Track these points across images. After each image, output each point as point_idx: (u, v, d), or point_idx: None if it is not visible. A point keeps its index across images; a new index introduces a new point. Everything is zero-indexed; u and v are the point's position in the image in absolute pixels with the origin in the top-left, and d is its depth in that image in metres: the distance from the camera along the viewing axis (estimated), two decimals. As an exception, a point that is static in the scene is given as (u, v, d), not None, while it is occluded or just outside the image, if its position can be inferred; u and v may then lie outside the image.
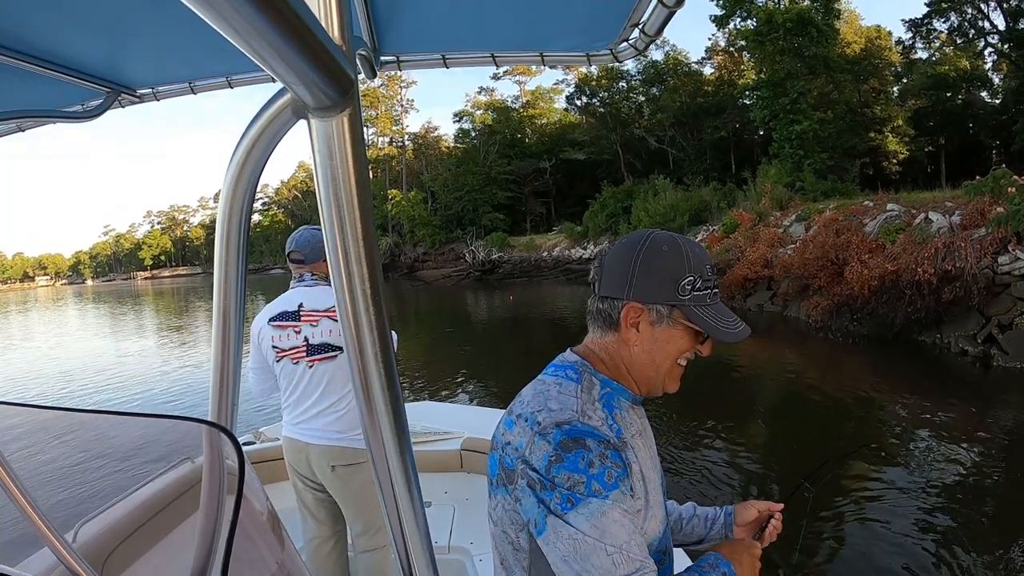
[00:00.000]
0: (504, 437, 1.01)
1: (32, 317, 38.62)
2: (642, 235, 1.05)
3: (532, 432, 0.95)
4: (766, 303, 15.70)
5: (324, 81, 0.48)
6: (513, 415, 1.02)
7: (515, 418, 1.01)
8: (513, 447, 0.98)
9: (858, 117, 29.65)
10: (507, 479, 0.98)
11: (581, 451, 0.91)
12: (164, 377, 12.85)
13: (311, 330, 2.43)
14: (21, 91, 1.46)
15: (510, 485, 0.98)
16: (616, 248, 1.06)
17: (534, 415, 0.98)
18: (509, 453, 0.98)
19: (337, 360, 2.42)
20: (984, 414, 7.07)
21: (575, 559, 0.89)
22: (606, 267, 1.05)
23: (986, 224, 10.86)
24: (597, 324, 1.08)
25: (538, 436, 0.94)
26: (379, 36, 1.50)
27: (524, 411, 1.00)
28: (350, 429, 2.42)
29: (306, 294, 2.49)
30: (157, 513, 0.80)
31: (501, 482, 1.00)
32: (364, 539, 2.52)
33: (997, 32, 28.71)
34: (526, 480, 0.94)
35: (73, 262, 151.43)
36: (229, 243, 0.65)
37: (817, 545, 4.31)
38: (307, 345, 2.43)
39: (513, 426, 1.00)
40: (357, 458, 2.42)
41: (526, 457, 0.94)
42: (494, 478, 1.03)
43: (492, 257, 40.55)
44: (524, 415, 0.99)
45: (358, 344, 0.62)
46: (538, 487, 0.92)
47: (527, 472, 0.93)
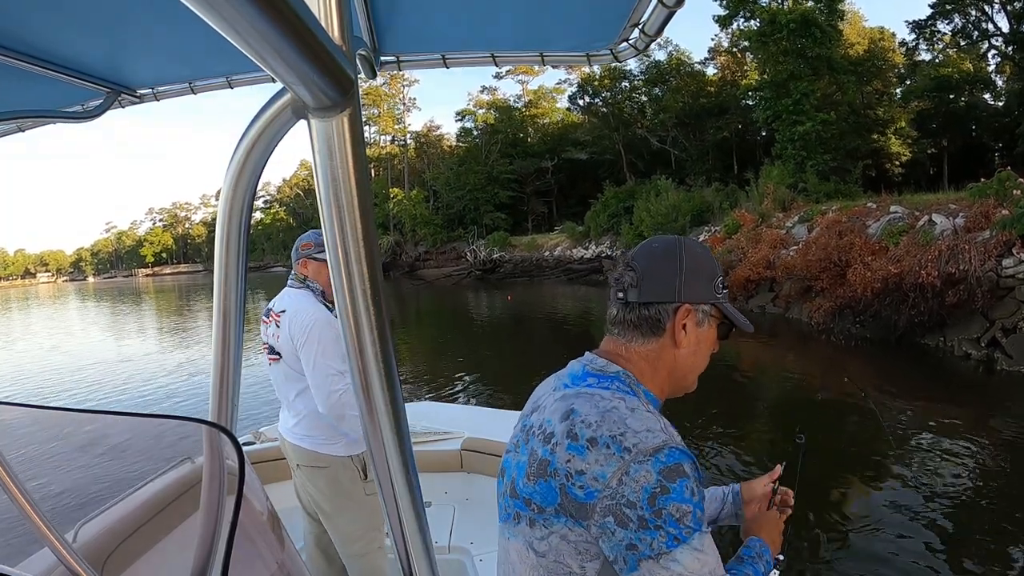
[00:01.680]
0: (569, 465, 0.89)
1: (32, 315, 38.68)
2: (673, 239, 1.08)
3: (622, 460, 0.86)
4: (768, 304, 15.69)
5: (324, 81, 0.48)
6: (581, 440, 0.90)
7: (586, 443, 0.89)
8: (590, 477, 0.87)
9: (861, 118, 29.59)
10: (575, 512, 0.89)
11: (684, 480, 0.87)
12: (165, 376, 12.87)
13: (268, 330, 2.51)
14: (21, 91, 1.47)
15: (581, 519, 0.89)
16: (650, 253, 1.06)
17: (616, 440, 0.88)
18: (582, 483, 0.88)
19: (280, 364, 2.45)
20: (987, 418, 7.05)
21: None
22: (646, 273, 1.03)
23: (990, 227, 10.83)
24: (638, 331, 1.05)
25: (634, 465, 0.86)
26: (379, 36, 1.50)
27: (598, 434, 0.90)
28: (309, 431, 2.42)
29: (281, 294, 2.56)
30: (157, 513, 0.80)
31: (562, 512, 0.90)
32: (339, 545, 2.50)
33: (1001, 34, 28.65)
34: (615, 517, 0.85)
35: (75, 259, 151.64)
36: (229, 243, 0.65)
37: (818, 547, 4.31)
38: (267, 344, 2.51)
39: (586, 452, 0.89)
40: (319, 462, 2.42)
41: (617, 490, 0.85)
42: (548, 506, 0.92)
43: (493, 256, 40.55)
44: (600, 439, 0.89)
45: (358, 344, 0.62)
46: (634, 525, 0.84)
47: (619, 508, 0.85)
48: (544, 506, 0.92)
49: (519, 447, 1.03)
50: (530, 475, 0.95)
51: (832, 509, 4.83)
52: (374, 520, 2.47)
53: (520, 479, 0.97)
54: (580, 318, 18.75)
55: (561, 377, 1.09)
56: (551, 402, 1.02)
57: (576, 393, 0.99)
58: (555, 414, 0.97)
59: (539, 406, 1.06)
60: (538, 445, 0.96)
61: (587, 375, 1.03)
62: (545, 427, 0.97)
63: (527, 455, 0.98)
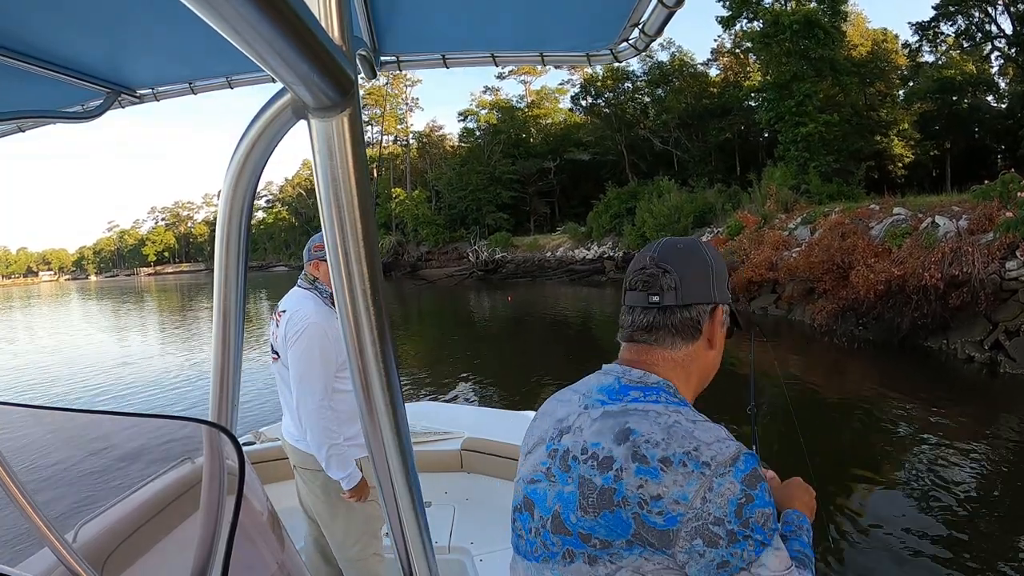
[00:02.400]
0: (642, 491, 0.83)
1: (34, 314, 38.77)
2: (693, 240, 1.06)
3: (703, 476, 0.82)
4: (771, 306, 15.67)
5: (324, 81, 0.48)
6: (652, 462, 0.84)
7: (658, 464, 0.84)
8: (669, 500, 0.82)
9: (864, 120, 29.56)
10: (655, 540, 0.83)
11: (762, 483, 0.85)
12: (165, 377, 12.89)
13: (272, 329, 2.50)
14: (21, 91, 1.47)
15: (664, 547, 0.83)
16: (681, 252, 1.02)
17: (692, 456, 0.84)
18: (661, 509, 0.83)
19: (279, 364, 2.43)
20: (990, 421, 7.03)
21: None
22: (683, 272, 0.99)
23: (994, 229, 10.81)
24: (678, 336, 1.00)
25: (716, 480, 0.82)
26: (379, 36, 1.50)
27: (669, 453, 0.84)
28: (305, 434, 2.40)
29: (288, 294, 2.53)
30: (157, 513, 0.80)
31: (637, 543, 0.84)
32: (336, 547, 2.49)
33: (1004, 36, 28.61)
34: (703, 539, 0.81)
35: (77, 258, 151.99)
36: (229, 243, 0.65)
37: (820, 548, 4.30)
38: (271, 344, 2.50)
39: (660, 474, 0.83)
40: (314, 464, 2.39)
41: (702, 509, 0.81)
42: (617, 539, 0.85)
43: (495, 257, 40.56)
44: (674, 458, 0.84)
45: (358, 344, 0.62)
46: (724, 541, 0.81)
47: (706, 529, 0.81)
48: (611, 539, 0.86)
49: (555, 476, 0.95)
50: (587, 507, 0.88)
51: (834, 510, 4.82)
52: (370, 526, 2.46)
53: (571, 512, 0.89)
54: (581, 319, 18.76)
55: (589, 394, 1.01)
56: (588, 423, 0.95)
57: (624, 410, 0.92)
58: (604, 436, 0.90)
59: (569, 428, 0.97)
60: (592, 473, 0.88)
61: (627, 388, 0.97)
62: (595, 451, 0.90)
63: (577, 485, 0.90)
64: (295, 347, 2.30)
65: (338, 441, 2.27)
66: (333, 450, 2.27)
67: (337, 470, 2.29)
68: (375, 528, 2.47)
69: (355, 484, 2.31)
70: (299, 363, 2.29)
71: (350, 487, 2.31)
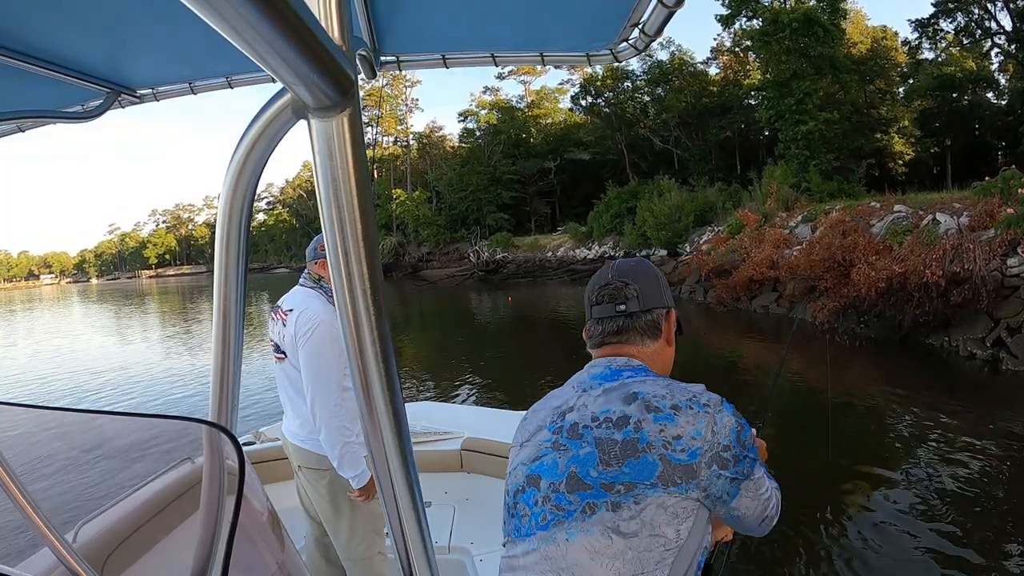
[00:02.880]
0: (663, 434, 0.98)
1: (35, 317, 38.81)
2: (640, 259, 1.28)
3: (707, 414, 1.01)
4: (772, 304, 15.66)
5: (324, 81, 0.48)
6: (665, 410, 1.00)
7: (671, 410, 1.00)
8: (689, 437, 0.98)
9: (864, 118, 29.54)
10: (681, 475, 0.97)
11: (742, 416, 1.05)
12: (166, 376, 12.90)
13: (275, 327, 2.49)
14: (21, 91, 1.47)
15: (688, 479, 0.97)
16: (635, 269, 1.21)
17: (694, 400, 1.02)
18: (683, 446, 0.98)
19: (286, 363, 2.42)
20: (992, 418, 7.02)
21: (756, 497, 1.05)
22: (641, 284, 1.18)
23: (995, 226, 10.79)
24: (645, 335, 1.17)
25: (718, 415, 1.01)
26: (379, 36, 1.50)
27: (677, 401, 1.02)
28: (311, 432, 2.39)
29: (291, 292, 2.53)
30: (157, 513, 0.80)
31: (661, 481, 0.97)
32: (341, 548, 2.48)
33: (1004, 33, 28.58)
34: (718, 464, 0.98)
35: (78, 260, 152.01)
36: (229, 244, 0.65)
37: (821, 549, 4.30)
38: (273, 342, 2.49)
39: (675, 418, 0.99)
40: (321, 464, 2.39)
41: (714, 440, 0.99)
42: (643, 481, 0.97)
43: (496, 257, 40.55)
44: (682, 404, 1.01)
45: (358, 344, 0.62)
46: (732, 463, 1.00)
47: (718, 455, 0.99)
48: (636, 482, 0.97)
49: (564, 444, 1.06)
50: (609, 460, 0.99)
51: (836, 508, 4.82)
52: (375, 524, 2.46)
53: (590, 469, 1.00)
54: (582, 319, 18.72)
55: (582, 382, 1.14)
56: (591, 400, 1.08)
57: (623, 384, 1.07)
58: (612, 403, 1.04)
59: (572, 407, 1.10)
60: (609, 432, 1.01)
61: (619, 371, 1.11)
62: (608, 416, 1.03)
63: (594, 445, 1.01)
64: (308, 345, 2.29)
65: (351, 439, 2.28)
66: (347, 448, 2.27)
67: (349, 468, 2.29)
68: (379, 527, 2.47)
69: (365, 483, 2.32)
70: (313, 361, 2.28)
71: (360, 485, 2.31)
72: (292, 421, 2.49)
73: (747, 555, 4.16)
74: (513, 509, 1.11)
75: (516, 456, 1.17)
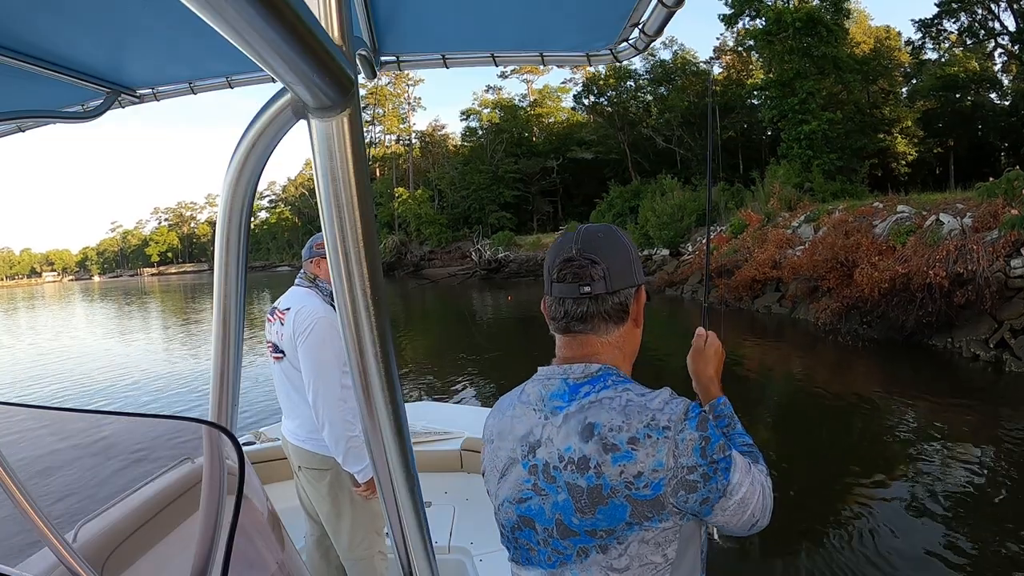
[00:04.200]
0: (623, 475, 0.92)
1: (38, 314, 38.90)
2: (610, 227, 1.11)
3: (667, 439, 0.92)
4: (774, 305, 15.64)
5: (324, 81, 0.48)
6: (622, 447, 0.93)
7: (628, 447, 0.93)
8: (649, 471, 0.92)
9: (867, 118, 29.47)
10: (649, 511, 0.93)
11: (708, 421, 0.96)
12: (167, 376, 12.92)
13: (273, 328, 2.48)
14: (21, 91, 1.47)
15: (657, 514, 0.93)
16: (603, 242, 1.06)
17: (652, 426, 0.94)
18: (646, 482, 0.92)
19: (284, 362, 2.42)
20: (996, 420, 7.01)
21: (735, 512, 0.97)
22: (608, 262, 1.03)
23: (999, 226, 10.76)
24: (610, 321, 1.05)
25: (679, 436, 0.92)
26: (379, 36, 1.50)
27: (634, 432, 0.93)
28: (312, 433, 2.39)
29: (288, 292, 2.53)
30: (157, 513, 0.80)
31: (635, 519, 0.93)
32: (342, 547, 2.48)
33: (1007, 33, 28.48)
34: (685, 489, 0.92)
35: (80, 258, 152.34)
36: (229, 243, 0.65)
37: (823, 550, 4.29)
38: (271, 342, 2.49)
39: (633, 455, 0.92)
40: (322, 464, 2.39)
41: (676, 465, 0.92)
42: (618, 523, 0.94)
43: (498, 256, 40.52)
44: (639, 435, 0.93)
45: (358, 344, 0.62)
46: (701, 483, 0.93)
47: (684, 480, 0.92)
48: (614, 526, 0.94)
49: (544, 489, 1.00)
50: (583, 508, 0.95)
51: (839, 509, 4.81)
52: (376, 524, 2.46)
53: (571, 516, 0.96)
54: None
55: (542, 403, 1.05)
56: (554, 432, 1.00)
57: (580, 408, 0.98)
58: (571, 438, 0.97)
59: (539, 441, 1.02)
60: (575, 477, 0.95)
61: (576, 387, 1.02)
62: (570, 456, 0.96)
63: (567, 491, 0.96)
64: (308, 342, 2.29)
65: (355, 433, 2.27)
66: (352, 442, 2.27)
67: (354, 463, 2.29)
68: (379, 527, 2.47)
69: (370, 477, 2.31)
70: (314, 358, 2.28)
71: (365, 480, 2.31)
72: (291, 421, 2.49)
73: (748, 556, 4.15)
74: (514, 542, 1.08)
75: (497, 488, 1.10)
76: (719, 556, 4.00)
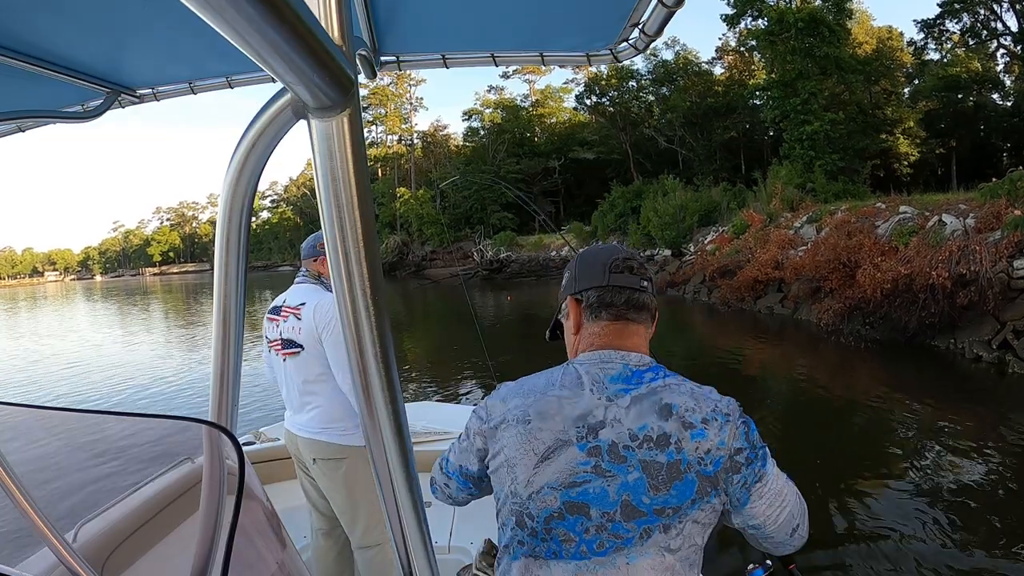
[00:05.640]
0: (698, 451, 1.00)
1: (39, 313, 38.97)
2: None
3: (728, 422, 1.02)
4: (776, 305, 15.61)
5: (324, 81, 0.48)
6: (697, 425, 1.01)
7: (701, 425, 1.01)
8: (714, 449, 1.00)
9: (869, 118, 29.43)
10: (709, 487, 1.00)
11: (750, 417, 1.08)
12: (167, 376, 12.93)
13: (284, 325, 2.48)
14: (21, 91, 1.47)
15: (713, 491, 1.01)
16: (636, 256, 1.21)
17: (717, 411, 1.03)
18: (711, 459, 1.00)
19: (301, 356, 2.42)
20: (999, 421, 6.98)
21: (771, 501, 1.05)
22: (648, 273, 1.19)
23: (1002, 227, 10.73)
24: (651, 318, 1.19)
25: (735, 421, 1.03)
26: (379, 36, 1.50)
27: (704, 414, 1.03)
28: (327, 424, 2.42)
29: (292, 290, 2.55)
30: (157, 513, 0.80)
31: (699, 497, 1.00)
32: (356, 536, 2.50)
33: (1010, 34, 28.43)
34: (734, 469, 1.01)
35: (82, 258, 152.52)
36: (229, 243, 0.65)
37: (825, 551, 4.28)
38: (281, 339, 2.48)
39: (705, 433, 1.01)
40: (338, 453, 2.41)
41: (731, 446, 1.01)
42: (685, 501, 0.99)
43: (500, 256, 40.53)
44: (708, 417, 1.02)
45: (358, 344, 0.62)
46: (744, 467, 1.02)
47: (734, 460, 1.01)
48: (681, 503, 1.00)
49: (608, 470, 1.00)
50: (658, 485, 0.99)
51: (841, 510, 4.80)
52: None
53: (640, 496, 0.99)
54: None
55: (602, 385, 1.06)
56: (622, 413, 1.03)
57: (651, 390, 1.04)
58: (647, 417, 1.02)
59: (600, 422, 1.03)
60: (653, 454, 1.00)
61: (640, 373, 1.08)
62: (647, 434, 1.01)
63: (640, 469, 0.99)
64: (336, 332, 2.32)
65: None
66: None
67: None
68: None
69: None
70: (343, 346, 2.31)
71: None
72: (303, 415, 2.48)
73: (749, 556, 4.14)
74: (544, 534, 1.03)
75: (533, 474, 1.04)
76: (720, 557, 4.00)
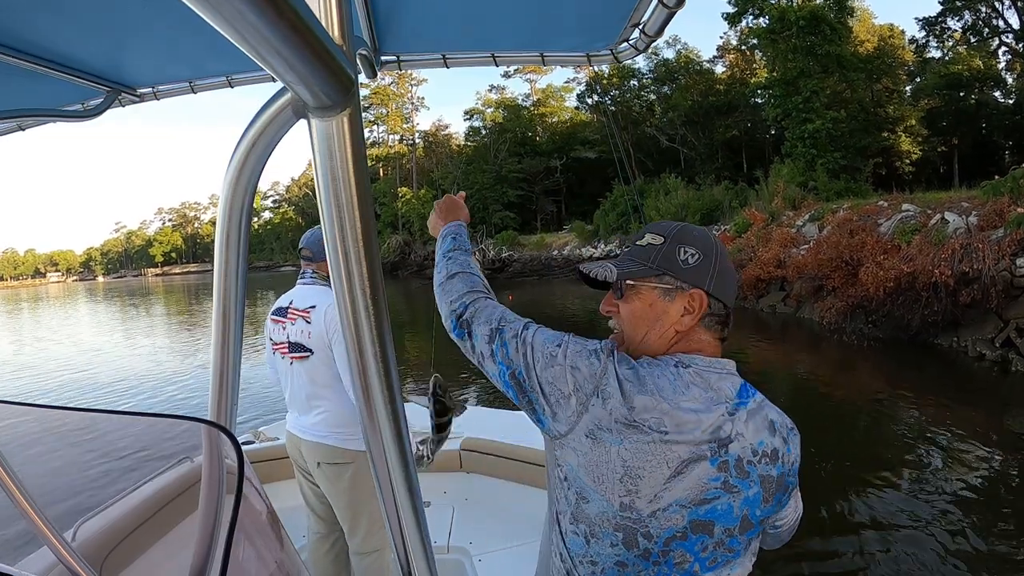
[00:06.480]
0: (788, 464, 1.04)
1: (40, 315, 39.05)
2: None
3: (797, 436, 1.07)
4: (779, 304, 15.60)
5: (324, 81, 0.48)
6: (789, 440, 1.05)
7: (791, 439, 1.05)
8: (796, 460, 1.06)
9: (871, 116, 29.35)
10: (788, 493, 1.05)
11: None
12: (167, 375, 12.95)
13: (291, 328, 2.44)
14: (21, 91, 1.47)
15: (784, 495, 1.05)
16: None
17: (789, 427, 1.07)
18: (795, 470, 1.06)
19: (310, 361, 2.39)
20: (1002, 420, 6.98)
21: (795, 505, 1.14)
22: None
23: (1004, 225, 10.70)
24: None
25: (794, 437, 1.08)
26: (379, 36, 1.50)
27: (787, 430, 1.06)
28: (334, 428, 2.40)
29: (298, 291, 2.50)
30: (157, 513, 0.80)
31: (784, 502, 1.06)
32: (356, 541, 2.49)
33: (1011, 31, 28.33)
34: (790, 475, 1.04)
35: (84, 259, 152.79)
36: (229, 243, 0.65)
37: (828, 550, 4.28)
38: (288, 342, 2.45)
39: (791, 447, 1.05)
40: (343, 458, 2.40)
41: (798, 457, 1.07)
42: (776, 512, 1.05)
43: (502, 255, 40.53)
44: (789, 432, 1.06)
45: (358, 344, 0.62)
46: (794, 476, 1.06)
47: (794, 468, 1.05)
48: (774, 513, 1.05)
49: (735, 486, 0.97)
50: (768, 498, 1.01)
51: (843, 509, 4.80)
52: None
53: (756, 509, 1.00)
54: (589, 317, 18.72)
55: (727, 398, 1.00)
56: (743, 427, 0.99)
57: (758, 405, 1.04)
58: (761, 433, 1.02)
59: (729, 437, 0.97)
60: (768, 469, 1.01)
61: (746, 387, 1.06)
62: (764, 450, 1.01)
63: (759, 484, 1.00)
64: None
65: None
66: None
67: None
68: None
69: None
70: None
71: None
72: (309, 418, 2.46)
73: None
74: (662, 556, 0.96)
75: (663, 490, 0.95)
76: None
